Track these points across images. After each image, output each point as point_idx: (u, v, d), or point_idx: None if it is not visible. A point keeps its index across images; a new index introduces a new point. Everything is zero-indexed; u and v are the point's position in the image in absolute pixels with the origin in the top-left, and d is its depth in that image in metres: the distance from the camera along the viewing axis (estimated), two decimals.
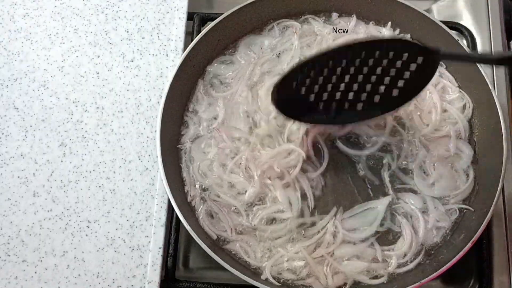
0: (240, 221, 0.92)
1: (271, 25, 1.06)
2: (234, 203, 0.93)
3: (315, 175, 0.94)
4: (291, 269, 0.89)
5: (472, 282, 0.95)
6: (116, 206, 0.95)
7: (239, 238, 0.91)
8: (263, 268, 0.89)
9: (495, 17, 1.12)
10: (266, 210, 0.92)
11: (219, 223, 0.92)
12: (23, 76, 1.04)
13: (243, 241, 0.91)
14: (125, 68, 1.05)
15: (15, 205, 0.94)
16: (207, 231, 0.91)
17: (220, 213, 0.93)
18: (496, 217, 0.97)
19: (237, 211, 0.93)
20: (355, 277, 0.88)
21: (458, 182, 0.94)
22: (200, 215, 0.93)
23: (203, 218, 0.92)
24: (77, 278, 0.90)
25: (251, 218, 0.92)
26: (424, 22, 0.99)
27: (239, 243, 0.91)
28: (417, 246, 0.90)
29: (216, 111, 1.00)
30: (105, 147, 0.99)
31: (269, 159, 0.94)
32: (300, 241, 0.90)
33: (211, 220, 0.93)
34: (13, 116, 1.01)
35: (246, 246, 0.91)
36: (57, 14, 1.09)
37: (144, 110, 1.02)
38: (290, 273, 0.89)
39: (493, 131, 0.92)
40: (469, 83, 0.99)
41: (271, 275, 0.88)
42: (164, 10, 1.10)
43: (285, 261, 0.89)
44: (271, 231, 0.91)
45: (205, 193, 0.94)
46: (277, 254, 0.90)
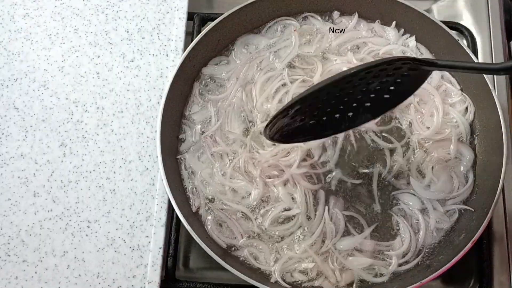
0: (249, 226, 0.92)
1: (270, 24, 1.06)
2: (240, 209, 0.93)
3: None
4: (301, 271, 0.89)
5: (472, 282, 0.95)
6: (116, 206, 0.95)
7: (249, 243, 0.91)
8: (273, 271, 0.89)
9: (495, 17, 1.12)
10: (274, 210, 0.92)
11: (228, 231, 0.92)
12: (23, 76, 1.04)
13: (252, 246, 0.91)
14: (125, 68, 1.05)
15: (15, 205, 0.95)
16: (217, 241, 0.91)
17: (229, 221, 0.92)
18: (496, 217, 0.97)
19: (245, 216, 0.93)
20: (361, 275, 0.89)
21: (457, 184, 0.94)
22: (209, 225, 0.92)
23: (212, 228, 0.92)
24: (77, 278, 0.90)
25: (261, 222, 0.92)
26: (424, 22, 0.99)
27: (247, 249, 0.91)
28: (418, 246, 0.91)
29: (210, 114, 0.99)
30: (105, 147, 0.99)
31: (270, 158, 0.94)
32: (306, 239, 0.90)
33: (220, 229, 0.92)
34: (13, 116, 1.01)
35: (255, 251, 0.91)
36: (57, 14, 1.09)
37: (144, 110, 1.02)
38: (300, 275, 0.89)
39: (493, 131, 0.92)
40: (469, 83, 0.99)
41: (281, 278, 0.88)
42: (164, 10, 1.10)
43: (294, 263, 0.90)
44: (283, 229, 0.91)
45: (211, 204, 0.94)
46: (284, 256, 0.90)
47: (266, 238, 0.92)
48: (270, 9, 1.04)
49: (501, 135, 0.90)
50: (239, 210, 0.93)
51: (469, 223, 0.91)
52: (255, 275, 0.88)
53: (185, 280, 0.93)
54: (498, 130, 0.90)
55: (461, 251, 0.82)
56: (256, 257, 0.90)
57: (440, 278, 0.96)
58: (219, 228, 0.92)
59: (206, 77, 1.03)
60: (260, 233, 0.92)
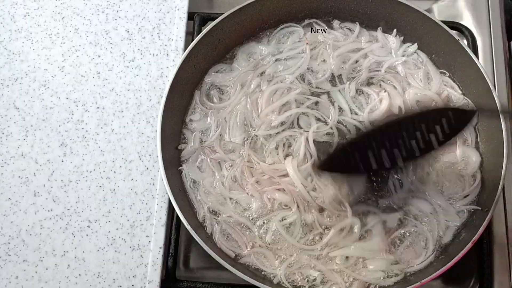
0: (253, 237, 0.92)
1: (275, 31, 1.06)
2: (242, 221, 0.92)
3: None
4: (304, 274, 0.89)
5: (472, 282, 0.95)
6: (117, 206, 0.95)
7: (255, 251, 0.91)
8: (279, 275, 0.89)
9: (496, 17, 1.12)
10: (274, 219, 0.92)
11: (233, 241, 0.92)
12: (24, 76, 1.04)
13: (258, 253, 0.91)
14: (126, 68, 1.05)
15: (16, 205, 0.95)
16: (225, 251, 0.91)
17: (234, 232, 0.92)
18: (496, 217, 0.97)
19: (248, 228, 0.93)
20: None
21: (464, 186, 0.94)
22: (216, 236, 0.92)
23: (219, 238, 0.91)
24: (78, 278, 0.90)
25: (263, 234, 0.92)
26: (424, 22, 0.99)
27: (254, 255, 0.91)
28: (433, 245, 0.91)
29: (211, 123, 0.99)
30: (106, 147, 0.99)
31: (268, 171, 0.94)
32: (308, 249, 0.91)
33: (226, 239, 0.92)
34: (13, 116, 1.01)
35: (261, 258, 0.90)
36: (58, 14, 1.09)
37: (145, 110, 1.02)
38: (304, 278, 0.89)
39: (494, 131, 0.92)
40: (470, 86, 0.99)
41: (286, 280, 0.88)
42: (165, 10, 1.10)
43: (299, 267, 0.90)
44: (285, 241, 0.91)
45: (216, 217, 0.93)
46: (290, 258, 0.90)
47: (272, 249, 0.91)
48: (271, 9, 1.04)
49: (501, 135, 0.90)
50: (242, 222, 0.92)
51: (469, 223, 0.91)
52: (261, 279, 0.88)
53: (186, 279, 0.93)
54: (499, 130, 0.90)
55: (461, 251, 0.82)
56: (262, 262, 0.90)
57: (441, 278, 0.96)
58: (225, 238, 0.92)
59: (208, 85, 1.03)
60: (263, 245, 0.92)
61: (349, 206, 0.91)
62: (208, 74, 1.03)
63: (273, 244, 0.91)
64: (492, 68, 1.08)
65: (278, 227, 0.91)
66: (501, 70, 1.08)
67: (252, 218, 0.93)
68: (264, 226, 0.92)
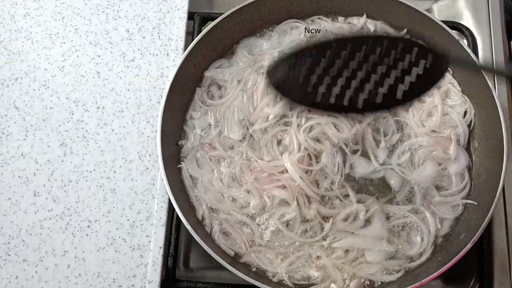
0: (252, 236, 0.92)
1: (277, 27, 1.06)
2: (241, 219, 0.92)
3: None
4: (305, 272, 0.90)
5: (472, 282, 0.95)
6: (117, 205, 0.95)
7: (254, 250, 0.91)
8: (281, 273, 0.89)
9: (496, 17, 1.12)
10: (273, 217, 0.92)
11: (232, 239, 0.92)
12: (24, 76, 1.04)
13: (258, 252, 0.91)
14: (126, 67, 1.05)
15: (16, 205, 0.95)
16: (225, 249, 0.91)
17: (233, 230, 0.92)
18: (496, 217, 0.97)
19: (247, 226, 0.93)
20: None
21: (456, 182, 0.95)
22: (215, 234, 0.92)
23: (219, 236, 0.91)
24: (78, 277, 0.90)
25: (262, 233, 0.92)
26: (424, 22, 0.99)
27: (254, 254, 0.91)
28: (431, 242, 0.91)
29: (211, 120, 0.99)
30: (106, 147, 0.99)
31: (267, 168, 0.93)
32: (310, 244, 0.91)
33: (226, 238, 0.92)
34: (13, 116, 1.01)
35: (261, 256, 0.90)
36: (58, 13, 1.09)
37: (145, 110, 1.02)
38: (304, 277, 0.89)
39: (494, 131, 0.92)
40: (469, 83, 0.99)
41: (287, 278, 0.88)
42: (165, 9, 1.10)
43: (301, 265, 0.90)
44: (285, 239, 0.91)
45: (215, 215, 0.94)
46: (292, 255, 0.90)
47: (272, 248, 0.91)
48: (271, 9, 1.04)
49: (501, 135, 0.90)
50: (241, 220, 0.92)
51: (469, 223, 0.91)
52: (262, 278, 0.88)
53: (186, 279, 0.93)
54: (499, 130, 0.90)
55: (461, 251, 0.82)
56: (263, 261, 0.90)
57: (440, 278, 0.96)
58: (225, 237, 0.92)
59: (208, 80, 1.03)
60: (263, 244, 0.92)
61: (353, 191, 0.92)
62: (207, 69, 1.03)
63: (273, 242, 0.91)
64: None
65: (277, 224, 0.91)
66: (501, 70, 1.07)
67: (250, 215, 0.93)
68: (263, 224, 0.92)
